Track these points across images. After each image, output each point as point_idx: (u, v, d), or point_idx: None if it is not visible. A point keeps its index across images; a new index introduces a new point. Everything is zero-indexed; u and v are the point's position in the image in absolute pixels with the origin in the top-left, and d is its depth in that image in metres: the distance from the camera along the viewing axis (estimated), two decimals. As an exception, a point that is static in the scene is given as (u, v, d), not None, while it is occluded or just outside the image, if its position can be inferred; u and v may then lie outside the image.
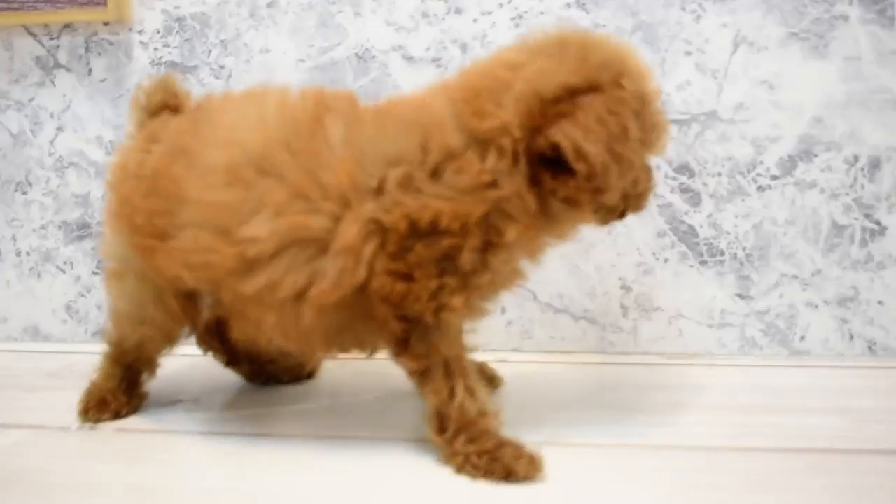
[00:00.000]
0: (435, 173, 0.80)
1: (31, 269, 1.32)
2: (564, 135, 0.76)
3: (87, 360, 1.13)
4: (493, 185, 0.79)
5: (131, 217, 0.89)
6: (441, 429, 0.84)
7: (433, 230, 0.79)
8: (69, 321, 1.32)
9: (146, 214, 0.88)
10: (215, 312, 0.98)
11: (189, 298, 0.94)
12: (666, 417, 0.95)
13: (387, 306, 0.82)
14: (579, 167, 0.77)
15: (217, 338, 1.07)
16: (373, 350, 0.94)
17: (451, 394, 0.83)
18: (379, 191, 0.80)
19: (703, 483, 0.79)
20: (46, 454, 0.92)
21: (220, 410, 1.02)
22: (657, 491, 0.78)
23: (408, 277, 0.81)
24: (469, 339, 0.88)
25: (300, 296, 0.83)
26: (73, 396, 1.05)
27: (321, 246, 0.81)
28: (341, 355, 0.96)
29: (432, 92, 0.85)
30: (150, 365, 1.01)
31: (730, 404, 0.99)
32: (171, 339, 1.02)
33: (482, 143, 0.79)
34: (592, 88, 0.79)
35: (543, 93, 0.78)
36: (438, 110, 0.82)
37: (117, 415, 0.98)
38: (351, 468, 0.85)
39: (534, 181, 0.80)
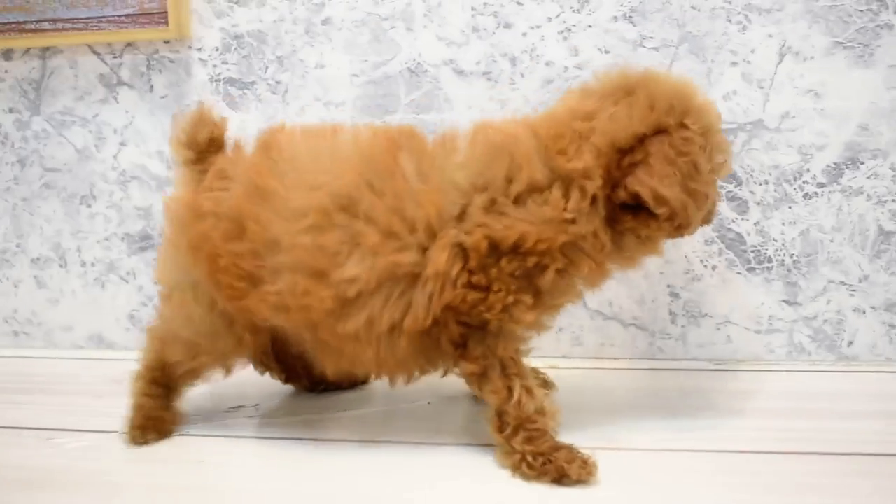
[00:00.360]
0: (517, 201, 0.83)
1: (95, 279, 1.33)
2: (642, 184, 0.82)
3: None
4: (573, 221, 0.83)
5: (214, 257, 0.90)
6: (501, 427, 0.86)
7: (517, 249, 0.83)
8: (132, 329, 1.32)
9: (232, 257, 0.88)
10: (300, 349, 0.97)
11: (260, 333, 0.95)
12: (714, 422, 0.96)
13: (450, 312, 0.85)
14: (661, 211, 0.83)
15: (274, 358, 1.08)
16: (439, 369, 0.96)
17: (510, 393, 0.86)
18: (461, 217, 0.84)
19: (752, 486, 0.80)
20: (114, 457, 0.94)
21: (279, 416, 1.04)
22: (707, 493, 0.80)
23: (484, 289, 0.84)
24: (524, 344, 0.90)
25: (395, 328, 0.85)
26: None
27: (412, 279, 0.85)
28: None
29: (516, 124, 0.88)
30: (192, 384, 1.02)
31: (777, 409, 1.00)
32: (227, 367, 1.03)
33: (566, 182, 0.84)
34: (660, 131, 0.84)
35: (618, 143, 0.83)
36: (525, 143, 0.85)
37: (166, 434, 0.98)
38: (406, 471, 0.87)
39: (610, 221, 0.86)
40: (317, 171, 0.88)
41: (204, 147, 0.95)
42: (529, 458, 0.84)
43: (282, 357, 1.07)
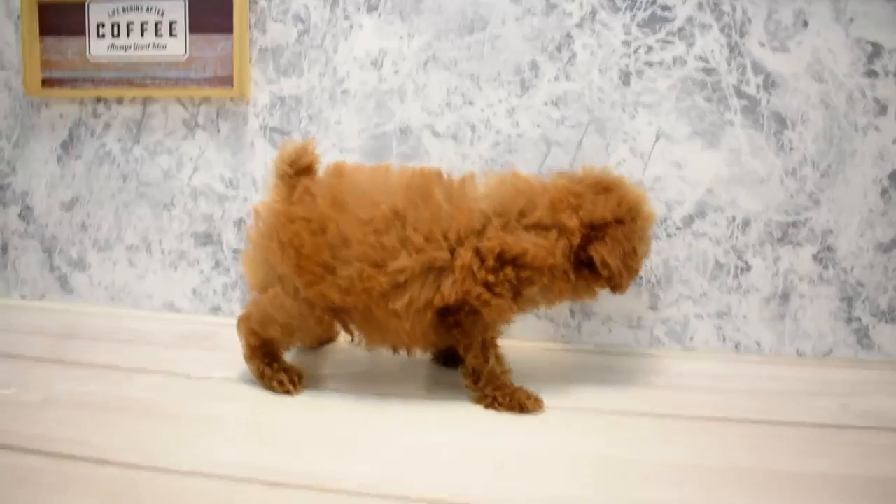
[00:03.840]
0: (528, 228, 0.92)
1: (170, 263, 1.37)
2: (597, 252, 0.93)
3: (205, 328, 1.23)
4: (555, 254, 0.92)
5: (299, 250, 0.91)
6: (476, 380, 0.96)
7: (517, 261, 0.91)
8: (194, 300, 1.36)
9: (314, 249, 0.91)
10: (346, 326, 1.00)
11: (331, 313, 0.96)
12: (597, 388, 1.01)
13: (463, 302, 0.92)
14: (604, 272, 0.93)
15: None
16: (445, 345, 1.04)
17: (486, 359, 0.95)
18: (481, 231, 0.92)
19: (620, 434, 0.87)
20: (176, 394, 0.97)
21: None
22: (593, 436, 0.87)
23: (491, 288, 0.91)
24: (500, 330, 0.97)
25: (427, 305, 0.92)
26: (195, 354, 1.12)
27: (442, 270, 0.92)
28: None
29: (535, 180, 0.97)
30: (287, 350, 1.03)
31: (640, 381, 1.05)
32: (315, 340, 1.11)
33: (560, 230, 0.93)
34: (619, 222, 0.94)
35: (592, 222, 0.94)
36: (541, 195, 0.94)
37: (302, 380, 0.99)
38: (400, 415, 0.91)
39: (576, 269, 0.94)
40: (376, 192, 0.93)
41: (301, 169, 0.96)
42: (499, 398, 0.94)
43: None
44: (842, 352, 1.18)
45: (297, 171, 0.97)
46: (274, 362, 0.99)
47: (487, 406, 0.95)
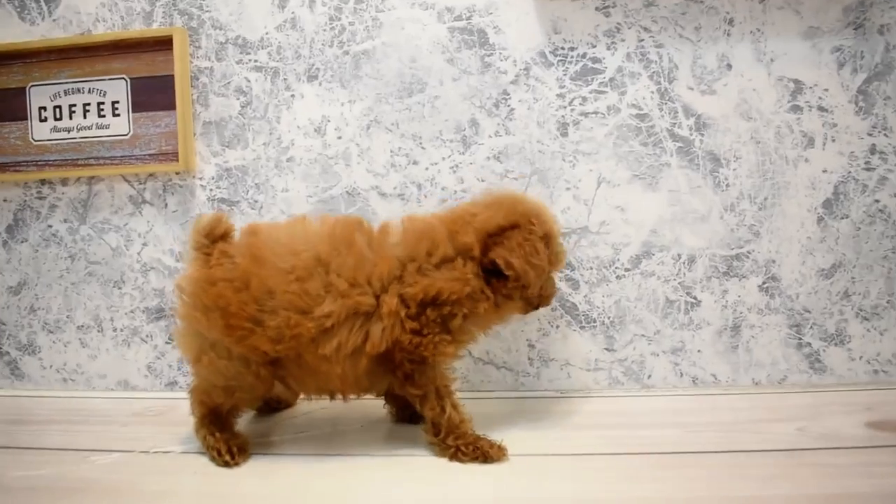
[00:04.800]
0: (437, 266, 0.93)
1: (123, 340, 1.33)
2: (498, 255, 0.94)
3: (162, 403, 1.21)
4: (468, 281, 0.93)
5: (225, 309, 0.91)
6: (436, 433, 0.95)
7: (436, 300, 0.92)
8: (149, 376, 1.33)
9: (240, 305, 0.91)
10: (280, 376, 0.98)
11: (267, 367, 0.95)
12: (562, 433, 1.02)
13: (403, 353, 0.93)
14: (509, 273, 0.94)
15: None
16: (381, 391, 1.03)
17: (443, 410, 0.95)
18: (401, 277, 0.93)
19: (590, 476, 0.87)
20: (134, 470, 0.95)
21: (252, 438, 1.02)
22: (560, 480, 0.86)
23: (419, 332, 0.92)
24: (451, 375, 0.98)
25: (357, 351, 0.91)
26: (151, 430, 1.09)
27: (369, 315, 0.92)
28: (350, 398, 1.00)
29: (433, 218, 0.98)
30: (239, 416, 1.02)
31: (603, 423, 1.06)
32: (257, 399, 1.04)
33: (464, 255, 0.94)
34: (514, 226, 0.96)
35: (488, 230, 0.95)
36: (439, 230, 0.95)
37: (247, 451, 0.97)
38: (358, 475, 0.90)
39: (488, 283, 0.95)
40: (296, 243, 0.93)
41: (217, 238, 0.97)
42: (462, 448, 0.93)
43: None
44: (795, 377, 1.20)
45: (214, 240, 0.98)
46: (218, 431, 0.98)
47: (451, 458, 0.94)
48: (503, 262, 0.93)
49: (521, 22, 1.22)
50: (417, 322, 0.92)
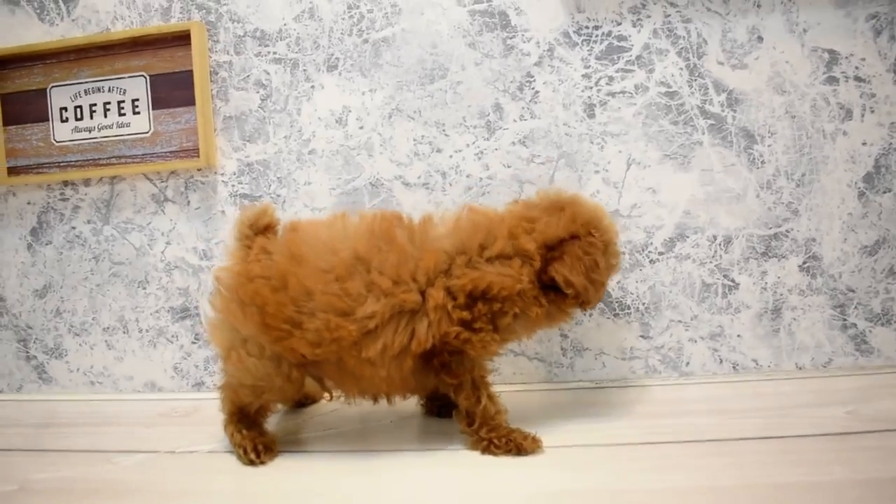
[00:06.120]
0: (490, 261, 0.90)
1: (149, 341, 1.32)
2: (557, 272, 0.90)
3: (188, 404, 1.19)
4: (520, 279, 0.89)
5: (262, 308, 0.89)
6: (470, 423, 0.92)
7: (486, 294, 0.89)
8: (176, 377, 1.32)
9: (277, 305, 0.88)
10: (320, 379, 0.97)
11: (300, 369, 0.93)
12: (597, 424, 0.98)
13: (444, 343, 0.89)
14: (569, 291, 0.90)
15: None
16: (427, 391, 1.02)
17: (478, 400, 0.92)
18: (448, 270, 0.89)
19: (628, 466, 0.85)
20: (158, 470, 0.94)
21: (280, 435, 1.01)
22: (599, 469, 0.84)
23: (470, 326, 0.89)
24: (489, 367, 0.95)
25: (403, 351, 0.88)
26: (177, 430, 1.08)
27: (414, 312, 0.89)
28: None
29: (495, 214, 0.95)
30: (268, 415, 0.99)
31: (641, 412, 1.02)
32: (287, 399, 1.02)
33: (522, 256, 0.90)
34: (574, 237, 0.92)
35: (547, 242, 0.91)
36: (499, 227, 0.92)
37: (274, 451, 0.95)
38: (390, 469, 0.87)
39: (544, 293, 0.92)
40: (335, 241, 0.91)
41: (261, 230, 0.96)
42: (495, 441, 0.90)
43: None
44: (841, 360, 1.15)
45: (257, 232, 0.96)
46: (246, 429, 0.96)
47: (484, 451, 0.91)
48: (563, 281, 0.90)
49: (543, 2, 1.19)
50: (469, 312, 0.89)
